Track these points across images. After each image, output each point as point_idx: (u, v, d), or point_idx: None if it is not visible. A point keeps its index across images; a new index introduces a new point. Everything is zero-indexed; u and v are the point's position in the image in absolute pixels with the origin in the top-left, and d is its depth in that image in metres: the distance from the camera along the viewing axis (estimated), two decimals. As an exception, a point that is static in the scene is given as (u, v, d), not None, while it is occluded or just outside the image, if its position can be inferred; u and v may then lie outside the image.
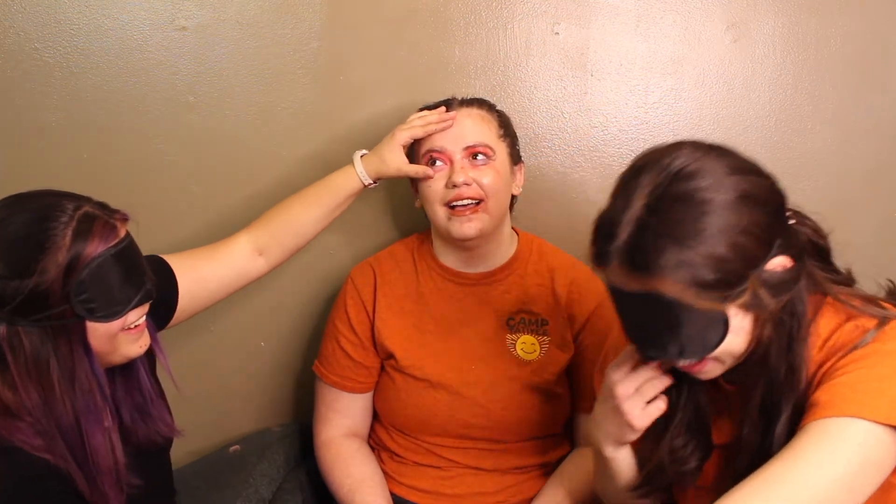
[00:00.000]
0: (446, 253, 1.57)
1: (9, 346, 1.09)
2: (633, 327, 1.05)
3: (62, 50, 1.63)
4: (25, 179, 1.64)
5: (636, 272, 0.97)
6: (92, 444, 1.13)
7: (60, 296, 1.08)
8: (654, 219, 0.95)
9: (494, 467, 1.54)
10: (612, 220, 0.99)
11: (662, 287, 0.95)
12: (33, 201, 1.11)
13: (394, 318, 1.56)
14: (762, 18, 1.69)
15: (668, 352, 1.01)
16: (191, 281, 1.38)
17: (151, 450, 1.28)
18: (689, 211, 0.95)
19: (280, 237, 1.49)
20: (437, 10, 1.66)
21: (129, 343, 1.17)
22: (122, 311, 1.13)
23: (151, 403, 1.26)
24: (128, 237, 1.15)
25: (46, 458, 1.11)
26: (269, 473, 1.59)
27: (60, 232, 1.07)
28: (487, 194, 1.47)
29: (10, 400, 1.10)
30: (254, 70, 1.67)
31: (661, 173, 0.98)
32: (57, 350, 1.10)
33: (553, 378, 1.52)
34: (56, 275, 1.07)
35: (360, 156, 1.51)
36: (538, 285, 1.56)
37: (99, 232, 1.10)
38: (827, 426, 0.97)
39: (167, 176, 1.69)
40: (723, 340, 0.99)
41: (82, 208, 1.10)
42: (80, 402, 1.12)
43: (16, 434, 1.10)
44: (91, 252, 1.09)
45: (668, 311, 0.97)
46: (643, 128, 1.73)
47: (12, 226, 1.08)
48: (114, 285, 1.11)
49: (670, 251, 0.94)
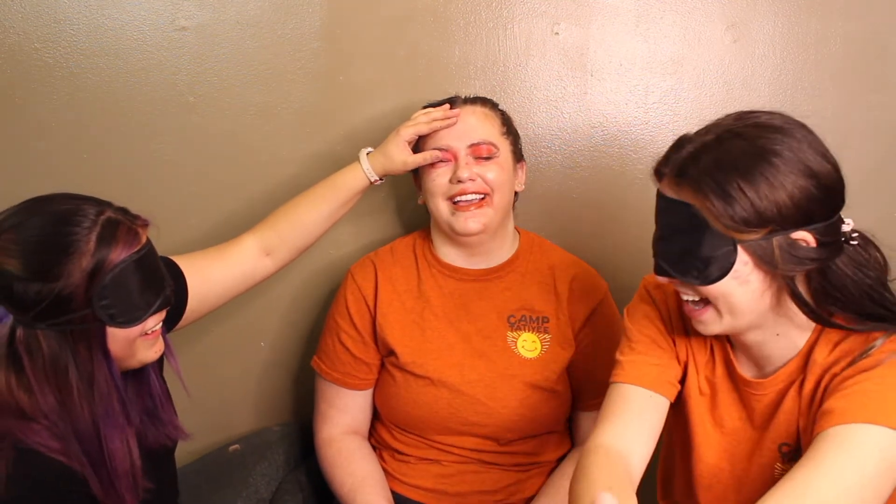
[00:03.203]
0: (447, 248, 1.57)
1: (26, 350, 1.09)
2: (659, 236, 1.12)
3: (62, 50, 1.63)
4: (25, 179, 1.66)
5: (680, 180, 1.06)
6: (110, 447, 1.13)
7: (83, 301, 1.08)
8: (718, 146, 1.04)
9: (495, 465, 1.54)
10: (685, 138, 1.08)
11: (695, 200, 1.04)
12: (53, 205, 1.11)
13: (395, 314, 1.56)
14: (762, 18, 1.69)
15: (678, 268, 1.07)
16: (199, 282, 1.38)
17: (160, 452, 1.28)
18: (752, 153, 1.02)
19: (287, 237, 1.50)
20: (437, 10, 1.67)
21: (145, 348, 1.18)
22: (143, 317, 1.14)
23: (162, 407, 1.27)
24: (149, 243, 1.16)
25: (61, 460, 1.11)
26: (268, 473, 1.59)
27: (84, 237, 1.08)
28: (492, 189, 1.47)
29: (26, 402, 1.10)
30: (254, 70, 1.67)
31: (747, 120, 1.07)
32: (76, 354, 1.10)
33: (554, 376, 1.52)
34: (80, 280, 1.07)
35: (365, 153, 1.52)
36: (539, 283, 1.56)
37: (122, 238, 1.11)
38: (846, 432, 0.99)
39: (167, 176, 1.69)
40: (725, 275, 1.04)
41: (105, 213, 1.11)
42: (99, 407, 1.12)
43: (31, 436, 1.10)
44: (115, 258, 1.09)
45: (690, 223, 1.05)
46: (643, 128, 1.73)
47: (33, 229, 1.08)
48: (135, 291, 1.12)
49: (718, 175, 1.02)
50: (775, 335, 1.13)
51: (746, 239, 1.03)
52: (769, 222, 1.02)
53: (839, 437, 0.99)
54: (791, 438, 1.15)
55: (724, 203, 1.02)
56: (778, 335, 1.13)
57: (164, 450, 1.30)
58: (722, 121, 1.09)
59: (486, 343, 1.53)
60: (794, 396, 1.13)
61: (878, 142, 1.76)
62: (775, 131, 1.04)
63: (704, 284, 1.07)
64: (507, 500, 1.54)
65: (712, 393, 1.22)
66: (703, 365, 1.23)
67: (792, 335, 1.13)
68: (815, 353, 1.12)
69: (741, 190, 1.01)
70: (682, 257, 1.07)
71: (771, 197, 1.01)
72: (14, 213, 1.11)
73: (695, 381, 1.23)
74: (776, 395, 1.16)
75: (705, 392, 1.23)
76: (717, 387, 1.22)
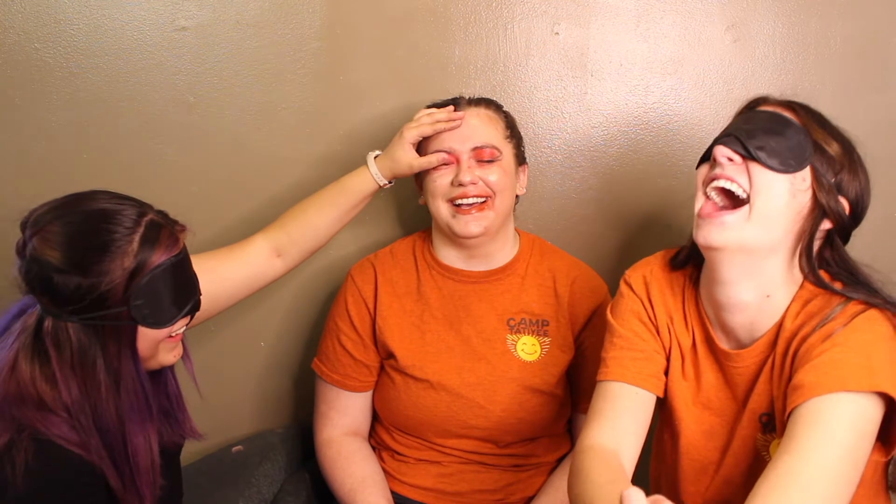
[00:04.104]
0: (447, 250, 1.57)
1: (53, 341, 1.10)
2: (737, 126, 1.19)
3: (62, 50, 1.63)
4: (26, 179, 1.66)
5: (783, 105, 1.21)
6: (133, 443, 1.15)
7: (120, 299, 1.10)
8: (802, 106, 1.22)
9: (495, 465, 1.54)
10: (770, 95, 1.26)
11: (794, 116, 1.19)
12: (95, 202, 1.13)
13: (394, 317, 1.56)
14: (762, 19, 1.69)
15: (755, 144, 1.14)
16: (209, 282, 1.38)
17: (172, 451, 1.30)
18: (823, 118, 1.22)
19: (297, 239, 1.50)
20: (437, 10, 1.66)
21: (166, 351, 1.20)
22: (173, 320, 1.16)
23: (178, 407, 1.28)
24: (185, 249, 1.18)
25: (80, 453, 1.11)
26: (271, 474, 1.59)
27: (127, 237, 1.10)
28: (494, 192, 1.47)
29: (48, 394, 1.11)
30: (254, 70, 1.67)
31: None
32: (105, 350, 1.12)
33: (553, 379, 1.52)
34: (120, 278, 1.09)
35: (373, 157, 1.52)
36: (539, 286, 1.56)
37: (164, 241, 1.13)
38: (817, 407, 1.04)
39: (167, 176, 1.69)
40: (801, 167, 1.13)
41: (148, 215, 1.13)
42: (125, 403, 1.14)
43: (51, 428, 1.10)
44: (156, 260, 1.12)
45: (787, 124, 1.16)
46: (643, 128, 1.73)
47: (74, 223, 1.10)
48: (169, 294, 1.14)
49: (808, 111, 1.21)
50: (766, 297, 1.17)
51: (816, 156, 1.15)
52: (832, 159, 1.17)
53: (812, 415, 1.04)
54: (769, 407, 1.18)
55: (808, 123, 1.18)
56: (768, 297, 1.17)
57: (175, 449, 1.31)
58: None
59: (485, 346, 1.53)
60: (769, 365, 1.17)
61: (878, 142, 1.76)
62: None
63: (781, 167, 1.12)
64: (507, 500, 1.55)
65: (696, 374, 1.25)
66: (688, 349, 1.26)
67: (778, 298, 1.17)
68: (784, 320, 1.16)
69: (822, 131, 1.18)
70: (764, 138, 1.14)
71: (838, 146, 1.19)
72: (57, 207, 1.13)
73: (678, 367, 1.26)
74: (755, 367, 1.19)
75: (689, 377, 1.25)
76: (701, 367, 1.25)
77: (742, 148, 1.14)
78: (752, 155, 1.13)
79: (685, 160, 1.73)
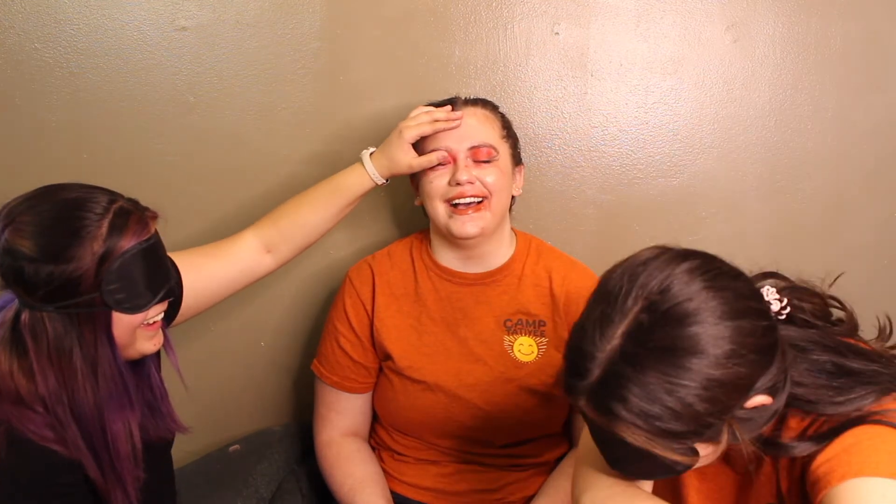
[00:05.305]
0: (444, 252, 1.57)
1: (30, 332, 1.11)
2: (602, 448, 1.02)
3: (62, 50, 1.63)
4: (25, 179, 1.64)
5: (602, 415, 0.92)
6: (112, 430, 1.15)
7: (92, 284, 1.10)
8: (629, 369, 0.89)
9: (494, 465, 1.54)
10: (586, 355, 0.92)
11: (625, 434, 0.91)
12: (66, 192, 1.14)
13: (392, 319, 1.55)
14: (762, 19, 1.69)
15: (636, 474, 1.02)
16: (194, 279, 1.38)
17: (159, 447, 1.30)
18: (669, 367, 0.88)
19: (288, 235, 1.50)
20: (437, 10, 1.66)
21: (145, 339, 1.21)
22: (147, 305, 1.17)
23: (162, 400, 1.28)
24: (156, 234, 1.19)
25: (56, 449, 1.12)
26: (268, 473, 1.59)
27: (96, 223, 1.11)
28: (491, 192, 1.47)
29: (24, 388, 1.12)
30: (254, 70, 1.67)
31: (646, 308, 0.91)
32: (81, 337, 1.12)
33: (551, 380, 1.52)
34: (90, 263, 1.10)
35: (368, 154, 1.51)
36: (536, 286, 1.56)
37: (133, 226, 1.14)
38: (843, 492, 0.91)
39: (167, 176, 1.69)
40: (691, 467, 0.97)
41: (117, 202, 1.14)
42: (102, 389, 1.14)
43: (27, 424, 1.11)
44: (125, 245, 1.12)
45: (633, 448, 0.93)
46: (643, 128, 1.73)
47: (46, 213, 1.11)
48: (141, 279, 1.15)
49: (639, 405, 0.88)
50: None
51: (700, 441, 0.93)
52: (716, 418, 0.90)
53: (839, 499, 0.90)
54: (775, 497, 1.09)
55: (661, 431, 0.89)
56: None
57: (163, 444, 1.31)
58: (611, 302, 0.93)
59: (482, 347, 1.53)
60: (770, 461, 1.07)
61: (878, 142, 1.76)
62: (682, 323, 0.89)
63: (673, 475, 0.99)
64: (507, 499, 1.55)
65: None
66: None
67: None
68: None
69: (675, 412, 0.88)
70: (639, 469, 1.00)
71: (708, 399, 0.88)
72: (29, 198, 1.14)
73: None
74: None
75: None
76: None
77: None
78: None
79: (685, 160, 1.74)
